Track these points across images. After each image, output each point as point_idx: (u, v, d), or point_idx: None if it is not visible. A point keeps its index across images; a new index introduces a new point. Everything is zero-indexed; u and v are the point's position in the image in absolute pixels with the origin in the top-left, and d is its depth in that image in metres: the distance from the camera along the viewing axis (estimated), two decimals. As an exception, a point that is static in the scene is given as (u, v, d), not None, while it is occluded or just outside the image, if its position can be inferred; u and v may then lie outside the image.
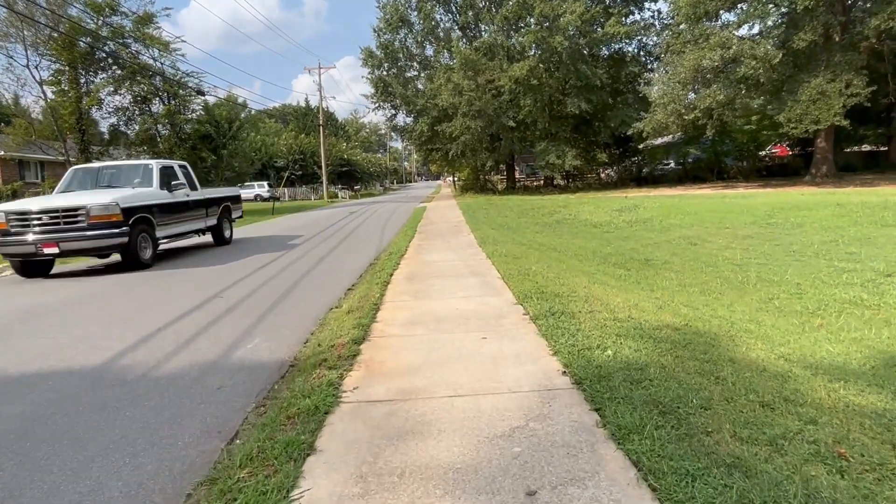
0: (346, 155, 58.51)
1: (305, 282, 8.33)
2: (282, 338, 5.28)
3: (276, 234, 16.82)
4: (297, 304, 6.76)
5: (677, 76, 27.81)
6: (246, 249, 13.05)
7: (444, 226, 16.91)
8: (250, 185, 47.73)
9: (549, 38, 31.58)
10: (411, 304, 6.34)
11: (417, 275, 8.25)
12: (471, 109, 32.81)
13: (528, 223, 17.74)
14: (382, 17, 37.36)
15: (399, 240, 13.32)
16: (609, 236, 14.27)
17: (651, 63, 40.85)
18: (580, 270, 8.78)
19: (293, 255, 11.45)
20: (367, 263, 10.01)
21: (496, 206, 25.15)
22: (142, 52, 24.80)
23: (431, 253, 10.74)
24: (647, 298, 6.83)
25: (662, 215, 17.43)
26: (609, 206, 21.26)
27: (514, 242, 12.03)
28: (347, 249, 12.37)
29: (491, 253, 9.89)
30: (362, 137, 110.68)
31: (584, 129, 40.56)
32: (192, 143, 26.27)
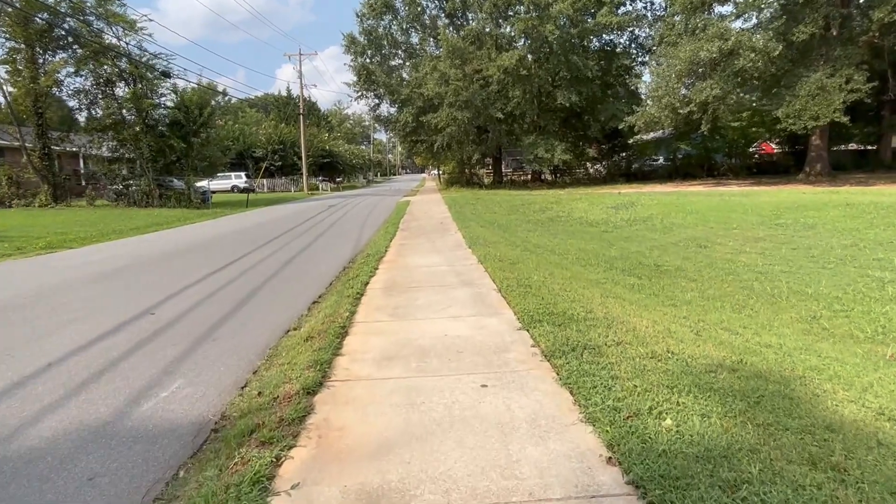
0: (328, 146, 56.61)
1: (265, 292, 6.99)
2: (213, 378, 3.97)
3: (245, 229, 15.41)
4: (247, 325, 5.44)
5: (672, 68, 26.75)
6: (208, 247, 11.65)
7: (428, 222, 15.62)
8: (227, 176, 45.86)
9: (540, 26, 30.32)
10: (388, 326, 5.06)
11: (398, 284, 6.97)
12: (457, 100, 31.43)
13: (520, 221, 16.52)
14: (366, 2, 35.71)
15: (379, 239, 12.02)
16: (609, 237, 13.11)
17: (642, 56, 39.92)
18: (587, 280, 7.57)
19: (257, 256, 10.09)
20: (341, 267, 8.70)
21: (484, 201, 23.89)
22: (105, 30, 23.00)
23: (415, 255, 9.46)
24: (675, 319, 5.65)
25: (662, 214, 16.33)
26: (603, 202, 20.15)
27: (506, 243, 10.80)
28: (320, 249, 11.04)
29: (483, 256, 8.65)
30: (346, 129, 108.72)
31: (573, 123, 39.47)
32: (161, 129, 24.55)
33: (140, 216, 20.04)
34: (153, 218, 19.53)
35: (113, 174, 25.04)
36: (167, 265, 9.23)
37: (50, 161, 24.16)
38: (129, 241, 13.05)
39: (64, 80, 23.66)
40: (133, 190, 24.76)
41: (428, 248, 10.26)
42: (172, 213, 21.23)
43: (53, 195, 24.24)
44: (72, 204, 24.63)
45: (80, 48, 22.80)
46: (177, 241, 12.83)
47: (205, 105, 24.69)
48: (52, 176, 24.43)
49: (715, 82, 25.09)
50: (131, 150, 24.79)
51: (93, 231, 15.10)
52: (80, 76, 23.71)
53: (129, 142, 24.29)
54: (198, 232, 14.98)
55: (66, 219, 18.71)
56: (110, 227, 16.53)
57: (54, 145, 24.54)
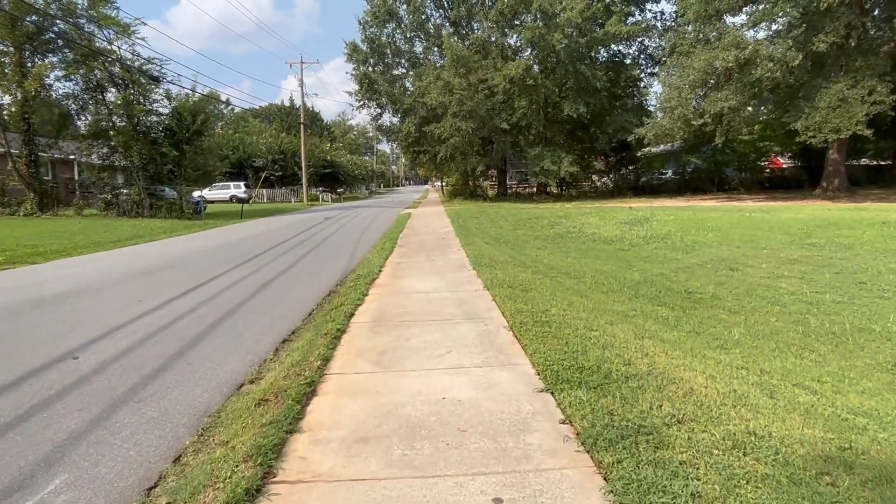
0: (330, 156, 55.67)
1: (227, 325, 5.85)
2: (112, 474, 2.81)
3: (231, 243, 14.30)
4: (190, 376, 4.29)
5: (685, 78, 25.74)
6: (184, 264, 10.54)
7: (429, 237, 14.49)
8: (226, 186, 44.93)
9: (548, 34, 29.38)
10: (370, 381, 3.91)
11: (388, 316, 5.83)
12: (461, 109, 30.45)
13: (528, 236, 15.37)
14: (369, 10, 34.91)
15: (374, 256, 10.90)
16: (626, 256, 11.94)
17: (651, 67, 39.02)
18: (613, 312, 6.41)
19: (234, 276, 8.96)
20: (326, 291, 7.57)
21: (488, 214, 22.77)
22: (96, 34, 22.09)
23: (411, 277, 8.32)
24: (734, 370, 4.48)
25: (680, 231, 15.17)
26: (615, 217, 19.00)
27: (515, 263, 9.65)
28: (307, 268, 9.91)
29: (489, 281, 7.51)
30: (349, 139, 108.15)
31: (579, 135, 38.47)
32: (153, 136, 23.56)
33: (125, 227, 18.98)
34: (139, 229, 18.47)
35: (102, 182, 24.02)
36: (127, 287, 8.10)
37: (36, 168, 23.17)
38: (101, 256, 11.96)
39: (53, 84, 22.75)
40: (123, 199, 23.74)
41: (427, 269, 9.13)
42: (161, 224, 20.17)
43: (40, 204, 23.24)
44: (59, 213, 23.60)
45: (71, 52, 21.88)
46: (153, 256, 11.73)
47: (198, 112, 23.70)
48: (39, 184, 23.43)
49: (730, 93, 24.06)
50: (122, 158, 23.81)
51: (67, 243, 14.02)
52: (69, 80, 22.78)
53: (120, 149, 23.31)
54: (180, 246, 13.89)
55: (45, 229, 17.65)
56: (89, 238, 15.46)
57: (42, 152, 23.54)
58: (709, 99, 25.04)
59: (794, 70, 23.25)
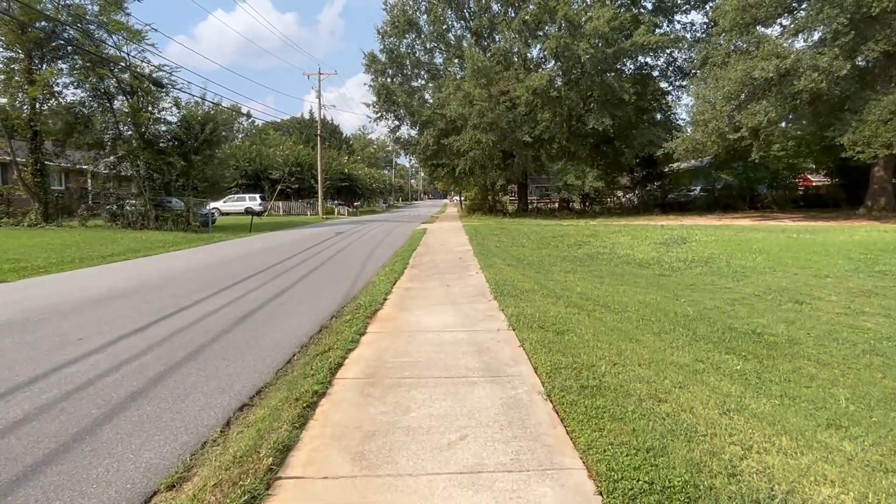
0: (348, 169, 54.82)
1: (174, 380, 4.51)
2: None
3: (230, 260, 13.14)
4: (81, 477, 2.96)
5: (720, 90, 24.22)
6: (164, 286, 9.34)
7: (445, 257, 13.17)
8: (241, 198, 44.25)
9: (573, 44, 28.13)
10: (342, 499, 2.57)
11: (385, 369, 4.49)
12: (482, 121, 29.26)
13: (553, 257, 13.93)
14: (388, 20, 34.09)
15: (381, 279, 9.60)
16: (668, 283, 10.46)
17: (679, 80, 37.51)
18: (676, 365, 5.00)
19: (214, 303, 7.72)
20: (317, 327, 6.28)
21: (509, 231, 21.37)
22: (105, 40, 21.39)
23: (421, 309, 6.99)
24: (872, 474, 3.06)
25: (724, 253, 13.63)
26: (647, 236, 17.49)
27: (544, 292, 8.27)
28: (303, 293, 8.64)
29: (515, 317, 6.15)
30: (368, 153, 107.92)
31: (603, 149, 37.03)
32: (160, 146, 22.71)
33: (126, 240, 18.00)
34: (138, 242, 17.47)
35: (107, 193, 23.20)
36: (79, 318, 6.84)
37: (42, 178, 22.42)
38: (80, 274, 10.84)
39: (61, 91, 22.05)
40: (129, 210, 22.87)
41: (440, 298, 7.79)
42: (163, 238, 19.17)
43: (44, 214, 22.48)
44: (63, 224, 22.81)
45: (79, 58, 21.19)
46: (136, 276, 10.58)
47: (208, 121, 22.81)
48: (45, 193, 22.69)
49: (770, 105, 22.49)
50: (129, 168, 23.00)
51: (55, 258, 12.98)
52: (78, 87, 22.08)
53: (127, 158, 22.50)
54: (172, 263, 12.75)
55: (40, 241, 16.72)
56: (82, 252, 14.43)
57: (49, 160, 22.83)
58: (746, 112, 23.46)
59: (839, 81, 21.62)
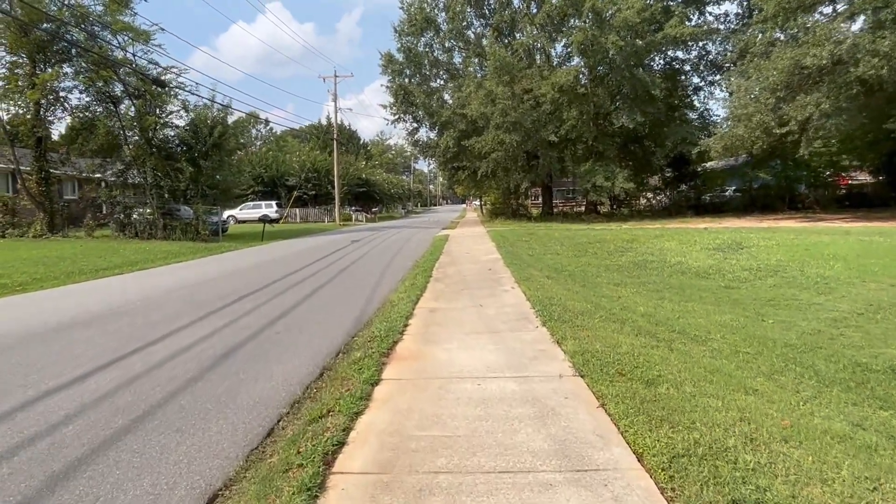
0: (365, 174, 53.67)
1: (89, 477, 3.07)
2: None
3: (231, 273, 11.79)
4: None
5: (764, 81, 22.33)
6: (153, 306, 7.98)
7: (472, 268, 11.64)
8: (257, 206, 43.34)
9: (601, 37, 26.46)
10: None
11: (408, 453, 2.97)
12: (505, 121, 27.70)
13: (596, 267, 12.30)
14: (405, 18, 32.79)
15: (400, 297, 8.11)
16: (741, 298, 8.78)
17: (712, 74, 35.49)
18: (829, 435, 3.40)
19: (192, 335, 6.30)
20: (316, 370, 4.80)
21: (538, 237, 19.74)
22: (110, 41, 20.37)
23: (450, 340, 5.47)
24: None
25: (793, 260, 11.86)
26: (694, 241, 15.73)
27: (602, 314, 6.67)
28: (305, 319, 7.18)
29: (579, 355, 4.60)
30: (387, 159, 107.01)
31: (632, 149, 35.19)
32: (168, 151, 21.62)
33: (128, 251, 16.83)
34: (141, 253, 16.27)
35: (114, 201, 22.15)
36: (22, 355, 5.49)
37: (47, 187, 21.47)
38: (59, 292, 9.55)
39: (66, 96, 21.11)
40: (136, 219, 21.80)
41: (473, 322, 6.26)
42: (169, 248, 17.98)
43: (50, 224, 21.51)
44: (70, 234, 21.83)
45: (84, 61, 20.20)
46: (121, 293, 9.25)
47: (216, 123, 21.66)
48: (50, 203, 21.73)
49: (822, 95, 20.55)
50: (136, 175, 21.95)
51: (41, 273, 11.77)
52: (84, 92, 21.12)
53: (134, 165, 21.44)
54: (166, 278, 11.42)
55: (37, 254, 15.61)
56: (76, 265, 13.22)
57: (54, 169, 21.89)
58: (794, 104, 21.52)
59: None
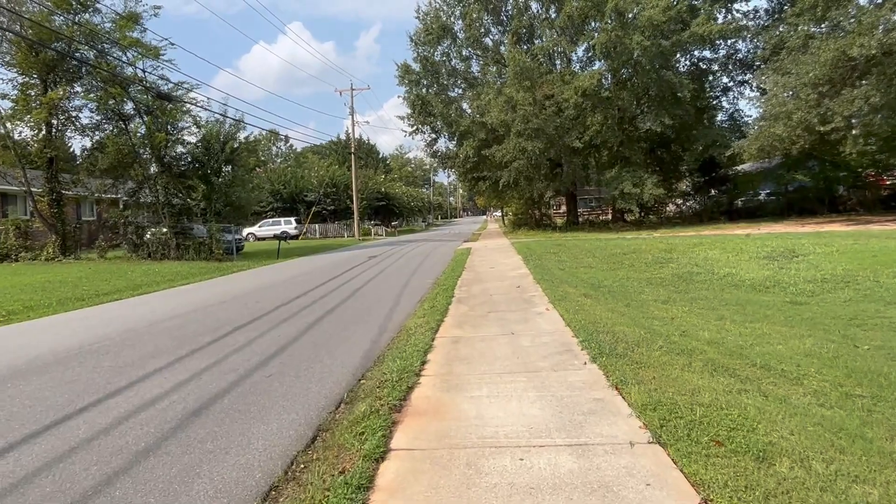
0: (384, 188, 53.00)
1: None
2: None
3: (233, 298, 10.84)
4: None
5: (804, 76, 20.86)
6: (133, 341, 7.02)
7: (498, 285, 10.50)
8: (276, 222, 42.85)
9: (625, 38, 25.29)
10: None
11: None
12: (527, 128, 26.61)
13: (636, 281, 11.04)
14: (421, 27, 32.06)
15: (418, 323, 7.02)
16: (815, 316, 7.48)
17: (741, 74, 33.92)
18: None
19: (166, 381, 5.29)
20: (308, 434, 3.72)
21: (567, 248, 18.50)
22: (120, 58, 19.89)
23: (478, 386, 4.34)
24: None
25: (861, 269, 10.46)
26: (740, 249, 14.35)
27: (661, 343, 5.47)
28: (302, 356, 6.12)
29: (650, 409, 3.43)
30: (406, 172, 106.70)
31: (659, 154, 33.77)
32: (179, 169, 21.00)
33: (137, 273, 16.09)
34: (149, 275, 15.50)
35: (126, 221, 21.56)
36: None
37: (59, 209, 21.00)
38: (41, 324, 8.68)
39: (77, 115, 20.68)
40: (148, 239, 21.17)
41: (505, 358, 5.13)
42: (179, 269, 17.22)
43: (62, 247, 21.02)
44: (81, 256, 21.31)
45: (93, 79, 19.75)
46: (104, 325, 8.32)
47: (229, 139, 21.00)
48: (62, 225, 21.25)
49: (872, 87, 19.04)
50: (148, 194, 21.37)
51: (36, 300, 10.98)
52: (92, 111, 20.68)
53: (146, 183, 20.86)
54: (158, 305, 10.49)
55: (42, 278, 14.94)
56: (78, 291, 12.45)
57: (65, 189, 21.44)
58: (839, 99, 20.01)
59: (957, 55, 18.08)
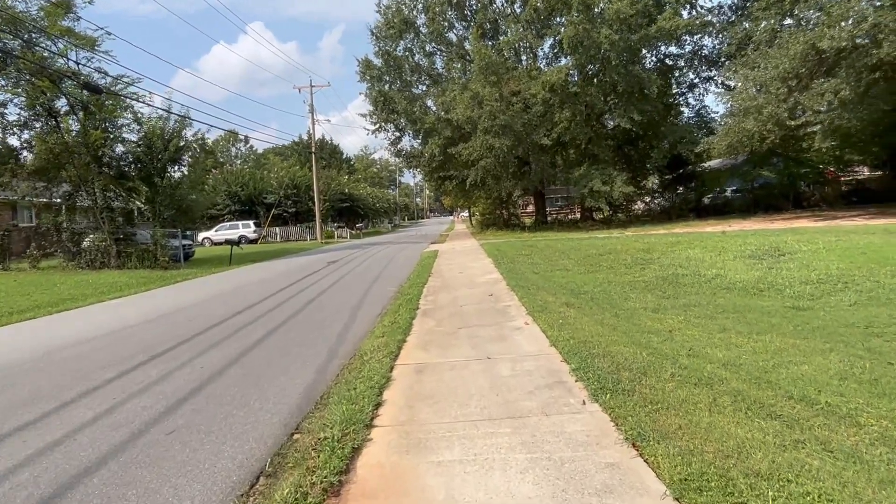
0: (348, 189, 51.40)
1: None
2: None
3: (164, 315, 9.46)
4: None
5: (774, 70, 20.47)
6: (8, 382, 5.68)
7: (468, 293, 9.41)
8: (234, 226, 40.91)
9: (593, 31, 24.60)
10: None
11: None
12: (493, 124, 25.64)
13: (618, 285, 10.09)
14: (383, 21, 30.79)
15: (375, 346, 5.87)
16: (825, 323, 6.63)
17: (706, 70, 33.79)
18: None
19: (28, 444, 4.03)
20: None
21: (539, 249, 17.56)
22: (48, 48, 18.04)
23: (450, 440, 3.23)
24: None
25: (855, 268, 9.76)
26: (720, 247, 13.64)
27: (666, 365, 4.45)
28: (223, 399, 4.91)
29: (691, 486, 2.38)
30: (372, 173, 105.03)
31: (627, 151, 33.33)
32: (119, 169, 19.25)
33: (68, 284, 14.41)
34: (82, 287, 13.86)
35: (59, 227, 19.65)
36: None
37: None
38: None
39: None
40: (87, 247, 19.35)
41: (480, 395, 4.03)
42: (117, 279, 15.58)
43: (-10, 257, 19.05)
44: (11, 267, 19.37)
45: (15, 68, 17.87)
46: None
47: (173, 136, 19.34)
48: (-12, 233, 19.27)
49: (842, 81, 18.72)
50: (86, 198, 19.54)
51: (-71, 322, 9.38)
52: (17, 105, 18.77)
53: (81, 186, 19.04)
54: (71, 326, 9.07)
55: (-49, 294, 13.15)
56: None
57: (-11, 194, 19.43)
58: (809, 93, 19.68)
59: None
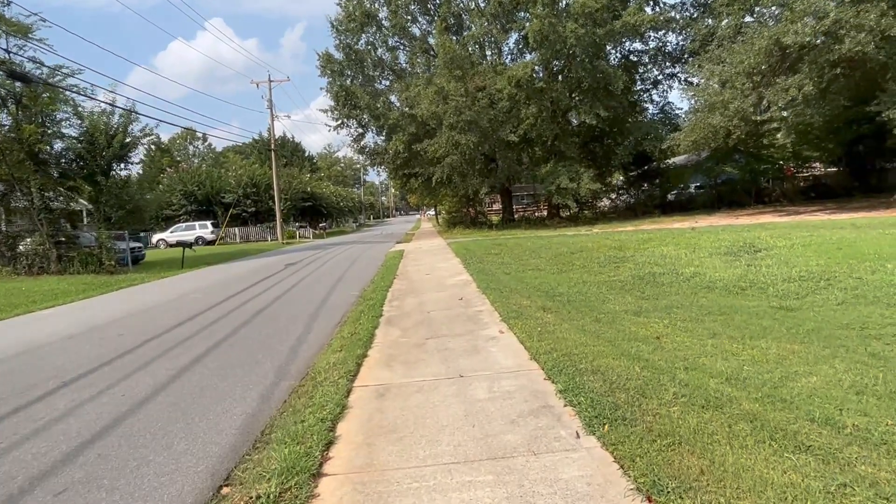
0: (311, 187, 49.97)
1: None
2: None
3: (94, 329, 8.48)
4: None
5: (739, 65, 20.46)
6: None
7: (436, 297, 8.73)
8: (191, 227, 39.21)
9: (559, 25, 24.23)
10: None
11: None
12: (459, 120, 25.01)
13: (594, 285, 9.56)
14: (344, 14, 29.78)
15: (331, 364, 5.12)
16: (819, 325, 6.20)
17: (670, 67, 33.97)
18: None
19: None
20: None
21: (508, 248, 16.99)
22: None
23: (420, 498, 2.55)
24: None
25: (833, 264, 9.48)
26: (694, 244, 13.33)
27: (665, 382, 3.87)
28: (131, 448, 4.10)
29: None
30: (336, 171, 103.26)
31: (592, 148, 33.22)
32: (59, 168, 17.86)
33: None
34: (11, 296, 12.60)
35: (-10, 231, 18.13)
36: None
37: None
38: None
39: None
40: (23, 251, 17.88)
41: (453, 427, 3.35)
42: (56, 286, 14.30)
43: (-87, 264, 17.37)
44: (-64, 275, 17.72)
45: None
46: None
47: (117, 132, 18.02)
48: None
49: (805, 76, 18.78)
50: (21, 198, 18.05)
51: None
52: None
53: (16, 185, 17.56)
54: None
55: None
56: None
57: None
58: (774, 88, 19.72)
59: (884, 45, 18.07)
